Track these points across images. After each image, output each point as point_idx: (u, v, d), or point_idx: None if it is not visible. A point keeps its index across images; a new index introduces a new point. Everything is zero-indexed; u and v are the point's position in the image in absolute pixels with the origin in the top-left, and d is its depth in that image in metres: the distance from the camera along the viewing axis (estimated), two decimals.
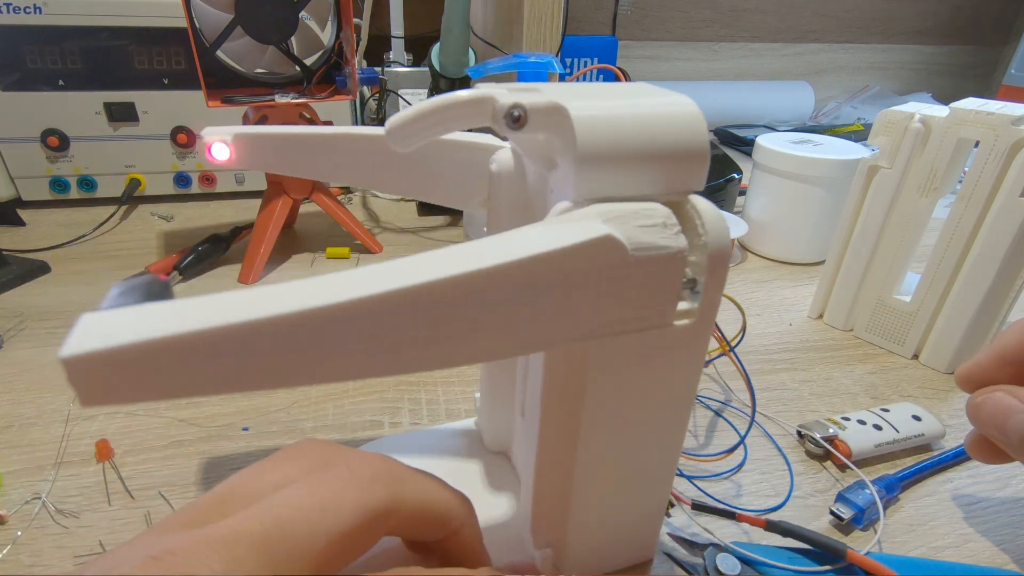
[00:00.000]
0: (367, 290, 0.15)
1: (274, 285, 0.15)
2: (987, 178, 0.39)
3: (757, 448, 0.36)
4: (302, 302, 0.14)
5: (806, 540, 0.28)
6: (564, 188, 0.19)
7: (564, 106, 0.18)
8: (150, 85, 0.64)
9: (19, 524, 0.29)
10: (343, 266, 0.57)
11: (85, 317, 0.14)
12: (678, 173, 0.19)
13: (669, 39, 1.16)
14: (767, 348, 0.46)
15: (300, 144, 0.28)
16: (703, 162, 0.19)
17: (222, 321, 0.14)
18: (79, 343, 0.13)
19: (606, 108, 0.18)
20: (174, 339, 0.13)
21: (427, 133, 0.20)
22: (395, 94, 0.80)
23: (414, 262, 0.16)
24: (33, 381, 0.39)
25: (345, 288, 0.15)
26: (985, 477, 0.34)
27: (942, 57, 1.32)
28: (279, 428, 0.36)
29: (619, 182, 0.19)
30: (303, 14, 0.50)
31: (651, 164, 0.19)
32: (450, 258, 0.16)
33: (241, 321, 0.14)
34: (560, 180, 0.20)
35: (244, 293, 0.14)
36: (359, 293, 0.15)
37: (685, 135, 0.19)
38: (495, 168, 0.24)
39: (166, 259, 0.54)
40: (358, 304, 0.15)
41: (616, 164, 0.18)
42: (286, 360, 0.15)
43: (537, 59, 0.39)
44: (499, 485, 0.31)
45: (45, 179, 0.65)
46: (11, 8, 0.57)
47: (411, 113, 0.20)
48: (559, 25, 0.62)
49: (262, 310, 0.14)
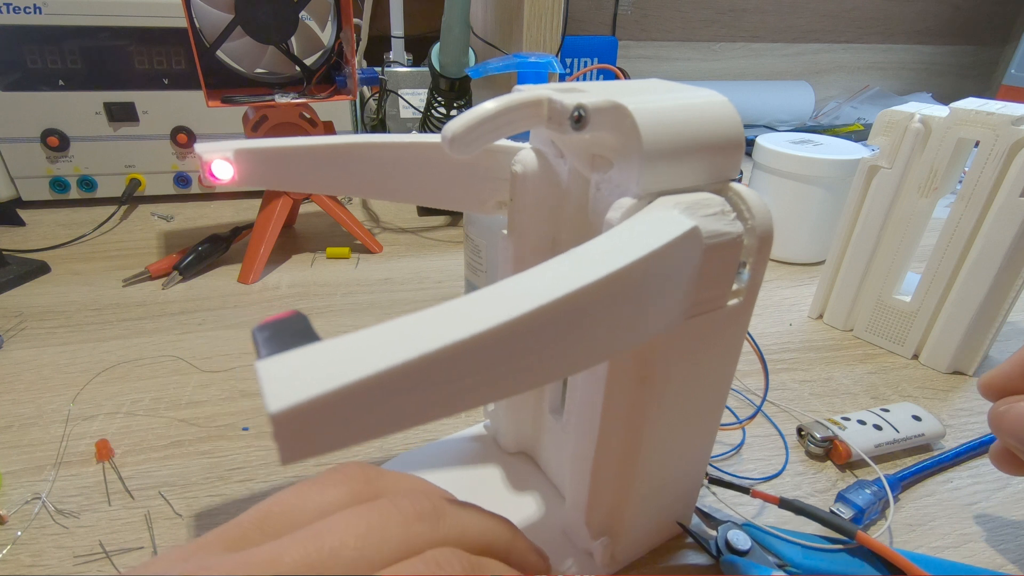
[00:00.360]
0: (527, 305, 0.14)
1: (441, 307, 0.14)
2: (987, 178, 0.39)
3: (756, 448, 0.36)
4: (470, 328, 0.13)
5: (818, 519, 0.28)
6: (623, 184, 0.20)
7: (624, 104, 0.19)
8: (150, 85, 0.64)
9: (19, 524, 0.29)
10: (343, 266, 0.57)
11: (266, 367, 0.12)
12: (721, 162, 0.20)
13: (669, 39, 1.16)
14: (767, 348, 0.46)
15: (306, 157, 0.26)
16: (740, 150, 0.20)
17: (431, 347, 0.13)
18: (285, 395, 0.11)
19: (657, 104, 0.19)
20: (385, 374, 0.12)
21: (487, 138, 0.20)
22: (395, 94, 0.80)
23: (551, 273, 0.15)
24: (33, 381, 0.39)
25: (506, 307, 0.14)
26: (985, 477, 0.34)
27: (942, 57, 1.32)
28: None
29: (676, 174, 0.20)
30: (303, 14, 0.50)
31: (701, 155, 0.20)
32: (570, 269, 0.16)
33: (454, 342, 0.13)
34: (617, 177, 0.20)
35: (426, 315, 0.14)
36: (520, 309, 0.14)
37: (724, 125, 0.20)
38: (520, 170, 0.24)
39: (166, 259, 0.54)
40: (517, 323, 0.14)
41: (674, 157, 0.19)
42: (479, 378, 0.14)
43: (537, 59, 0.39)
44: (524, 487, 0.31)
45: (45, 179, 0.65)
46: (11, 8, 0.57)
47: (471, 119, 0.19)
48: (559, 25, 0.62)
49: (465, 328, 0.13)
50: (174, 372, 0.41)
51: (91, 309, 0.48)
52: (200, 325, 0.46)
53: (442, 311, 0.14)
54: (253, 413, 0.37)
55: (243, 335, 0.45)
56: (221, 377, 0.40)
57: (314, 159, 0.26)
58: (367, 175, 0.27)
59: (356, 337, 0.13)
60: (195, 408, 0.37)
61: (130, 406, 0.37)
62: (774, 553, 0.27)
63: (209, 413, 0.37)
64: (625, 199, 0.19)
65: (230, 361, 0.42)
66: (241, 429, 0.36)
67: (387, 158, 0.26)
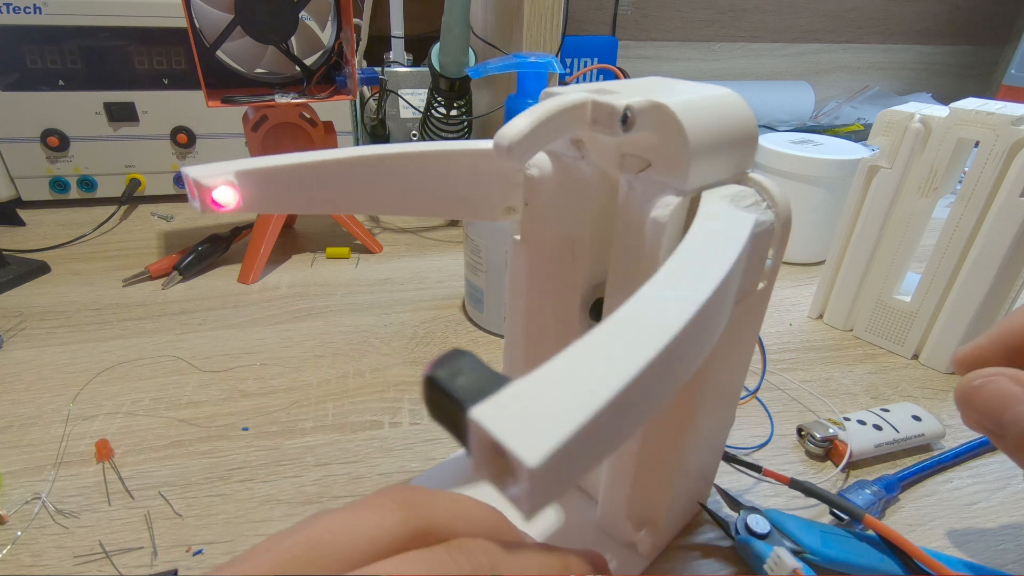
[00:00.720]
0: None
1: (617, 320, 0.14)
2: (987, 178, 0.39)
3: (745, 426, 0.36)
4: (655, 343, 0.13)
5: (826, 501, 0.29)
6: (662, 182, 0.20)
7: (667, 104, 0.19)
8: (150, 85, 0.64)
9: (19, 524, 0.29)
10: (343, 266, 0.57)
11: (489, 417, 0.11)
12: (742, 154, 0.21)
13: (669, 39, 1.16)
14: (767, 348, 0.46)
15: (313, 175, 0.24)
16: (756, 142, 0.21)
17: (636, 367, 0.12)
18: (537, 444, 0.10)
19: (691, 102, 0.19)
20: (613, 399, 0.12)
21: (540, 144, 0.20)
22: (395, 94, 0.80)
23: (683, 277, 0.15)
24: (33, 381, 0.39)
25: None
26: (985, 477, 0.34)
27: (942, 57, 1.32)
28: (279, 428, 0.36)
29: (712, 169, 0.20)
30: (303, 14, 0.50)
31: (730, 148, 0.20)
32: (693, 275, 0.16)
33: (650, 359, 0.12)
34: (657, 175, 0.20)
35: (608, 331, 0.13)
36: (682, 318, 0.14)
37: (742, 119, 0.21)
38: (536, 173, 0.24)
39: (166, 259, 0.54)
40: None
41: (711, 153, 0.20)
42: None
43: (537, 59, 0.39)
44: None
45: (45, 179, 0.65)
46: (11, 8, 0.57)
47: (527, 125, 0.19)
48: (559, 25, 0.62)
49: (652, 344, 0.13)
50: (174, 372, 0.41)
51: (91, 309, 0.48)
52: (200, 325, 0.46)
53: (620, 325, 0.13)
54: (253, 413, 0.37)
55: (243, 335, 0.45)
56: (221, 377, 0.40)
57: (321, 177, 0.24)
58: (376, 190, 0.25)
59: (559, 365, 0.12)
60: (195, 408, 0.37)
61: (130, 406, 0.37)
62: (792, 539, 0.28)
63: (209, 413, 0.37)
64: (669, 197, 0.20)
65: (230, 361, 0.42)
66: (241, 429, 0.36)
67: (395, 170, 0.25)
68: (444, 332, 0.47)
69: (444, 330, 0.47)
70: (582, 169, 0.24)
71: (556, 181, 0.24)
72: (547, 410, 0.11)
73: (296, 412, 0.38)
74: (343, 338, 0.46)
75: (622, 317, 0.14)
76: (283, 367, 0.42)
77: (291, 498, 0.31)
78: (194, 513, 0.30)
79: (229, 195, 0.22)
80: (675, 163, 0.19)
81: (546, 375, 0.12)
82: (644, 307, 0.14)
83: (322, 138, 0.55)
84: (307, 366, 0.42)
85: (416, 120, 0.83)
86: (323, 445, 0.35)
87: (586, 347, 0.13)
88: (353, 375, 0.41)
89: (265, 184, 0.23)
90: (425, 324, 0.48)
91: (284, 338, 0.45)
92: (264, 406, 0.38)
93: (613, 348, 0.13)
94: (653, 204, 0.20)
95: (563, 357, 0.13)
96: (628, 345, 0.13)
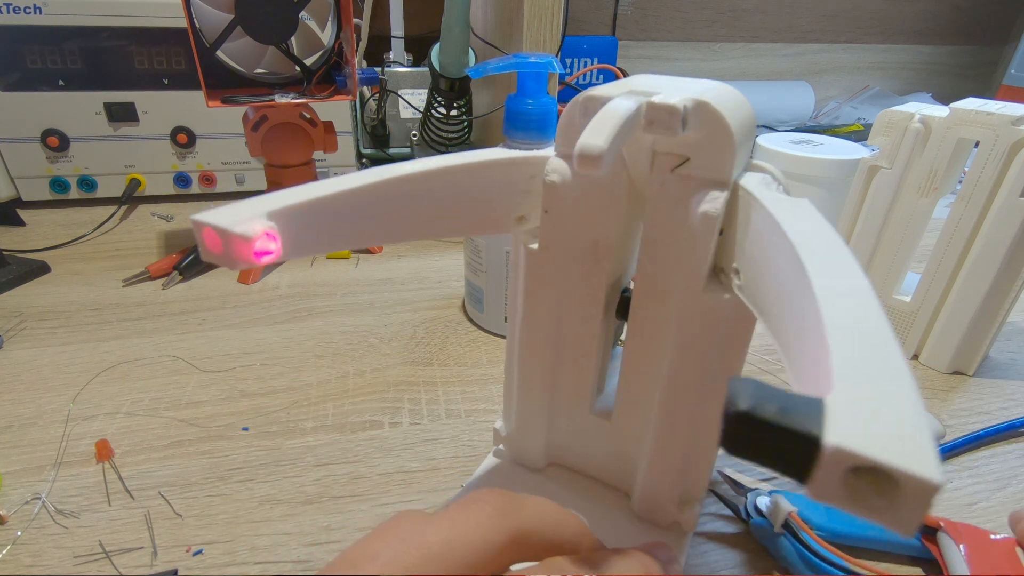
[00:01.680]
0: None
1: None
2: (987, 178, 0.39)
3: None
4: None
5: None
6: (700, 176, 0.21)
7: (707, 101, 0.19)
8: (150, 85, 0.64)
9: (19, 524, 0.29)
10: (343, 266, 0.57)
11: (845, 438, 0.10)
12: (751, 143, 0.22)
13: (669, 39, 1.16)
14: (767, 348, 0.46)
15: (346, 207, 0.21)
16: (754, 132, 0.23)
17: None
18: (919, 459, 0.10)
19: (718, 98, 0.20)
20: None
21: (617, 151, 0.19)
22: (395, 94, 0.80)
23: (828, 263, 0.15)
24: (33, 381, 0.39)
25: None
26: (985, 477, 0.34)
27: (942, 57, 1.32)
28: (279, 428, 0.36)
29: (742, 160, 0.21)
30: (303, 14, 0.50)
31: (747, 139, 0.22)
32: (837, 267, 0.16)
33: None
34: (696, 170, 0.21)
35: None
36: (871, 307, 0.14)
37: (747, 110, 0.22)
38: (557, 179, 0.23)
39: (166, 259, 0.54)
40: None
41: (742, 145, 0.21)
42: None
43: (537, 59, 0.39)
44: (575, 492, 0.30)
45: (45, 179, 0.65)
46: (11, 8, 0.58)
47: (611, 132, 0.18)
48: (559, 25, 0.62)
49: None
50: (174, 372, 0.41)
51: (91, 309, 0.48)
52: (200, 325, 0.46)
53: (847, 319, 0.13)
54: (253, 413, 0.37)
55: (243, 335, 0.45)
56: (221, 377, 0.40)
57: (354, 208, 0.21)
58: (405, 216, 0.23)
59: (847, 371, 0.12)
60: (195, 408, 0.37)
61: (130, 406, 0.37)
62: (800, 518, 0.29)
63: (209, 413, 0.37)
64: (714, 192, 0.20)
65: (230, 361, 0.42)
66: (241, 429, 0.36)
67: (421, 192, 0.23)
68: (444, 332, 0.47)
69: (444, 330, 0.47)
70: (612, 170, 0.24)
71: (577, 185, 0.24)
72: (895, 423, 0.11)
73: (296, 412, 0.38)
74: (343, 338, 0.46)
75: (839, 312, 0.13)
76: (283, 367, 0.42)
77: (291, 498, 0.31)
78: (194, 513, 0.30)
79: (270, 243, 0.18)
80: (718, 158, 0.20)
81: (848, 384, 0.12)
82: (846, 300, 0.14)
83: (322, 138, 0.55)
84: (307, 366, 0.42)
85: (416, 120, 0.83)
86: (323, 445, 0.35)
87: (844, 347, 0.12)
88: (353, 375, 0.41)
89: (300, 224, 0.19)
90: (425, 324, 0.48)
91: (284, 338, 0.45)
92: (264, 406, 0.38)
93: (868, 343, 0.13)
94: (697, 199, 0.21)
95: (834, 365, 0.12)
96: (875, 338, 0.13)
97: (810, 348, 0.14)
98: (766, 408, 0.11)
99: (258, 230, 0.17)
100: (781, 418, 0.11)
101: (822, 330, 0.13)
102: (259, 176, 0.71)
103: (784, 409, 0.11)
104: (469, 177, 0.24)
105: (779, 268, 0.17)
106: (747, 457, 0.12)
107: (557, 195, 0.24)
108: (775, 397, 0.12)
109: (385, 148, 0.85)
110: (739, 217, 0.21)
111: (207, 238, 0.17)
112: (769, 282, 0.18)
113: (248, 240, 0.17)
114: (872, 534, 0.29)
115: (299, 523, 0.30)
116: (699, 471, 0.27)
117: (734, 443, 0.12)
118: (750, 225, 0.20)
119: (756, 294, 0.19)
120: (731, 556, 0.29)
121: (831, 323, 0.13)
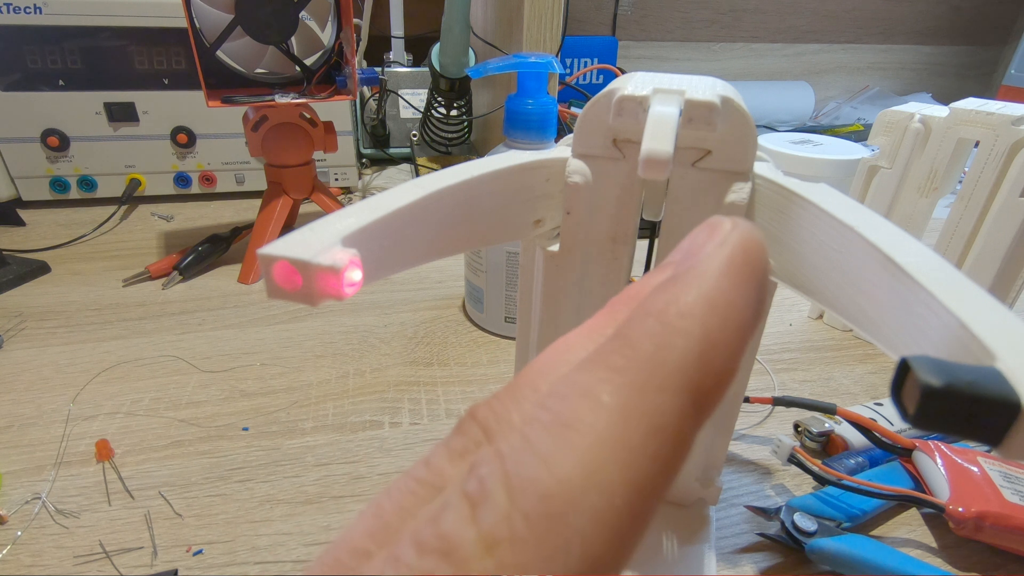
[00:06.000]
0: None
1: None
2: (987, 178, 0.39)
3: (752, 451, 0.36)
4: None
5: (804, 405, 0.33)
6: (720, 169, 0.22)
7: (730, 96, 0.20)
8: (150, 85, 0.64)
9: (19, 524, 0.29)
10: None
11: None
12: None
13: (669, 39, 1.16)
14: (767, 348, 0.46)
15: (408, 219, 0.19)
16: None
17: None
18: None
19: (730, 94, 0.21)
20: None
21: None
22: (395, 94, 0.80)
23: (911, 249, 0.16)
24: (33, 381, 0.39)
25: None
26: None
27: (942, 57, 1.32)
28: (279, 428, 0.36)
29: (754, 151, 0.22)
30: (303, 14, 0.50)
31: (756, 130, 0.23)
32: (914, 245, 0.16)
33: None
34: (717, 163, 0.22)
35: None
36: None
37: (740, 102, 0.22)
38: (580, 180, 0.23)
39: (166, 259, 0.54)
40: None
41: (756, 137, 0.22)
42: None
43: (537, 59, 0.39)
44: None
45: (45, 179, 0.65)
46: (11, 8, 0.58)
47: (671, 134, 0.18)
48: (559, 25, 0.62)
49: None
50: (174, 372, 0.41)
51: (91, 309, 0.48)
52: (200, 325, 0.46)
53: (952, 275, 0.14)
54: (253, 413, 0.37)
55: (243, 335, 0.45)
56: (221, 377, 0.40)
57: (407, 222, 0.20)
58: (442, 230, 0.22)
59: (986, 326, 0.13)
60: (195, 408, 0.37)
61: (130, 406, 0.37)
62: (831, 519, 0.29)
63: (209, 413, 0.37)
64: (738, 183, 0.21)
65: (230, 361, 0.42)
66: (241, 429, 0.36)
67: (461, 200, 0.21)
68: (444, 332, 0.47)
69: (444, 330, 0.47)
70: (621, 168, 0.24)
71: (599, 185, 0.24)
72: None
73: (296, 412, 0.38)
74: (343, 338, 0.46)
75: (944, 286, 0.14)
76: (283, 367, 0.42)
77: (291, 498, 0.31)
78: (194, 513, 0.30)
79: (356, 273, 0.16)
80: (739, 150, 0.21)
81: (1009, 352, 0.12)
82: (940, 273, 0.15)
83: (322, 138, 0.55)
84: (307, 366, 0.42)
85: (416, 120, 0.83)
86: (323, 445, 0.35)
87: (979, 318, 0.13)
88: (353, 375, 0.41)
89: (371, 245, 0.17)
90: (425, 324, 0.48)
91: (284, 338, 0.45)
92: (264, 406, 0.38)
93: (992, 311, 0.13)
94: (721, 190, 0.22)
95: (980, 335, 0.13)
96: (993, 304, 0.14)
97: (926, 321, 0.14)
98: (959, 382, 0.12)
99: (345, 260, 0.15)
100: (977, 389, 0.12)
101: (935, 302, 0.14)
102: (259, 176, 0.71)
103: (973, 382, 0.12)
104: (490, 184, 0.23)
105: (832, 248, 0.18)
106: (938, 429, 0.12)
107: (579, 196, 0.24)
108: (957, 370, 0.12)
109: (385, 148, 0.85)
110: (758, 204, 0.22)
111: (279, 273, 0.15)
112: (820, 261, 0.19)
113: (337, 272, 0.15)
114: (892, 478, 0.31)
115: (299, 523, 0.30)
116: (719, 448, 0.28)
117: (927, 418, 0.12)
118: (787, 212, 0.21)
119: (796, 273, 0.21)
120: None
121: (946, 297, 0.14)
